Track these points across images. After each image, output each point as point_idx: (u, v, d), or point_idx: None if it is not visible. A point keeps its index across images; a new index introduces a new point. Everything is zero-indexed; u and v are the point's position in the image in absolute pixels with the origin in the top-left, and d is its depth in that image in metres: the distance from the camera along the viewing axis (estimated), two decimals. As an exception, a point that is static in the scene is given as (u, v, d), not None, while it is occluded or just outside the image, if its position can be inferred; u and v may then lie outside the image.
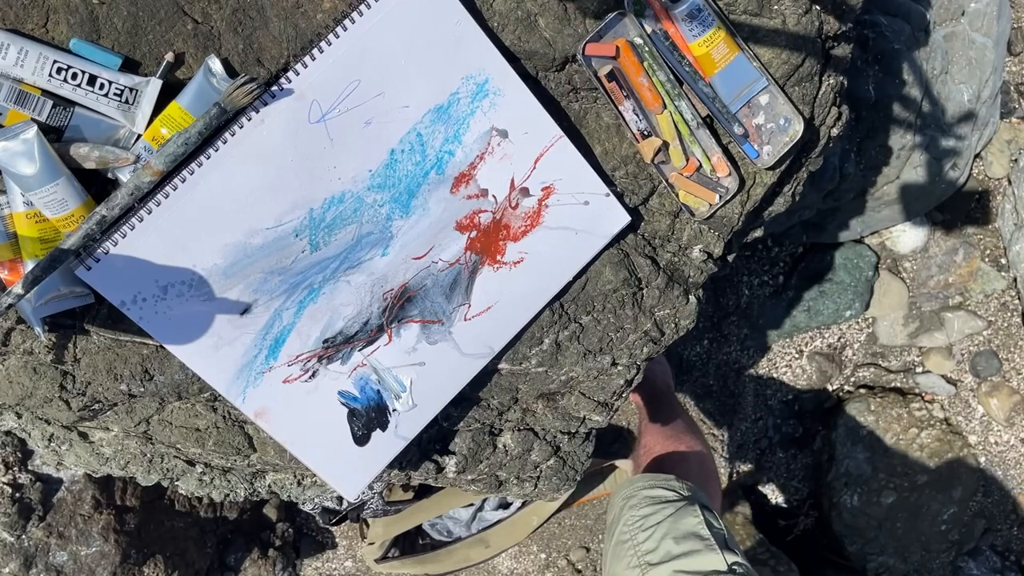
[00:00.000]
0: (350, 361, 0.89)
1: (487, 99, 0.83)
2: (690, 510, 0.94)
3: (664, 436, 1.17)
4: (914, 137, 1.61)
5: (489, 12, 0.81)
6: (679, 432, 1.19)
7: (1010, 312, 1.98)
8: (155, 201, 0.77)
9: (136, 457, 1.01)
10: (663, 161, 0.91)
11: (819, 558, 2.00)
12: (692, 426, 1.27)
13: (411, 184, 0.84)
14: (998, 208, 1.94)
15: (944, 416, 1.98)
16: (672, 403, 1.38)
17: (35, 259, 0.76)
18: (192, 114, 0.75)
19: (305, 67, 0.77)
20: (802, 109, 0.90)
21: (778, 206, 1.01)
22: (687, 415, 1.35)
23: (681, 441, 1.15)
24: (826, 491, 1.97)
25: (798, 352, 2.00)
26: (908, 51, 1.49)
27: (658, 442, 1.16)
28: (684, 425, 1.24)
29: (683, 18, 0.84)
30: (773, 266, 1.94)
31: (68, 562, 1.50)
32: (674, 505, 0.95)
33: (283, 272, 0.83)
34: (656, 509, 0.95)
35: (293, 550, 1.97)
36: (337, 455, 0.92)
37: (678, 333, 1.02)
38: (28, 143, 0.71)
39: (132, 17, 0.75)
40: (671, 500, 0.96)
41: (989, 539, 2.03)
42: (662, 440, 1.16)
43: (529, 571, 2.00)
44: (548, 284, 0.93)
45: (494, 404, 1.00)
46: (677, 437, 1.16)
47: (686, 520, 0.92)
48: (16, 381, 0.87)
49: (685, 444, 1.14)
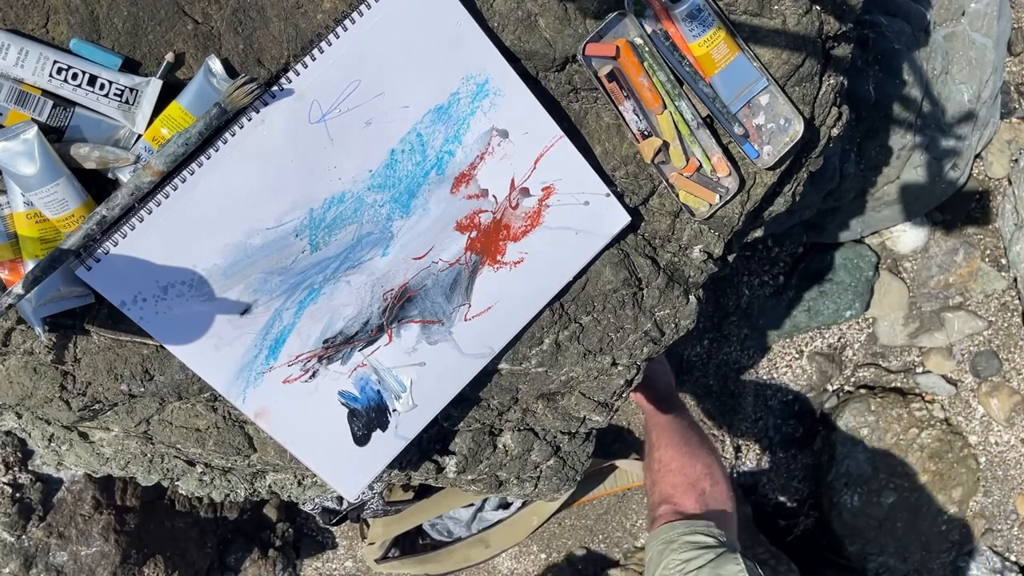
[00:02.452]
0: (350, 361, 0.89)
1: (487, 99, 0.83)
2: (731, 557, 0.95)
3: (679, 451, 1.18)
4: (914, 137, 1.61)
5: (489, 12, 0.81)
6: (692, 445, 1.20)
7: (1010, 312, 1.98)
8: (155, 201, 0.77)
9: (136, 457, 1.01)
10: (663, 161, 0.91)
11: (819, 558, 2.00)
12: (697, 428, 1.28)
13: (411, 184, 0.84)
14: (998, 208, 1.94)
15: (944, 416, 1.98)
16: (676, 404, 1.38)
17: (35, 259, 0.76)
18: (192, 114, 0.75)
19: (305, 67, 0.77)
20: (802, 109, 0.90)
21: (778, 206, 1.01)
22: (690, 415, 1.35)
23: (696, 457, 1.16)
24: (826, 491, 1.97)
25: (798, 352, 2.00)
26: (908, 51, 1.49)
27: (674, 458, 1.17)
28: (694, 433, 1.24)
29: (683, 18, 0.84)
30: (773, 266, 1.94)
31: (68, 562, 1.50)
32: (715, 551, 0.97)
33: (283, 272, 0.83)
34: (698, 554, 0.97)
35: (293, 550, 1.97)
36: (337, 455, 0.92)
37: (678, 333, 1.02)
38: (28, 143, 0.71)
39: (132, 17, 0.75)
40: (711, 546, 0.98)
41: (989, 539, 2.03)
42: (678, 456, 1.17)
43: (529, 571, 2.00)
44: (548, 284, 0.93)
45: (494, 404, 1.00)
46: (692, 452, 1.17)
47: (728, 567, 0.94)
48: (16, 381, 0.87)
49: (701, 460, 1.15)
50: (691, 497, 1.09)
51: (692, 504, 1.07)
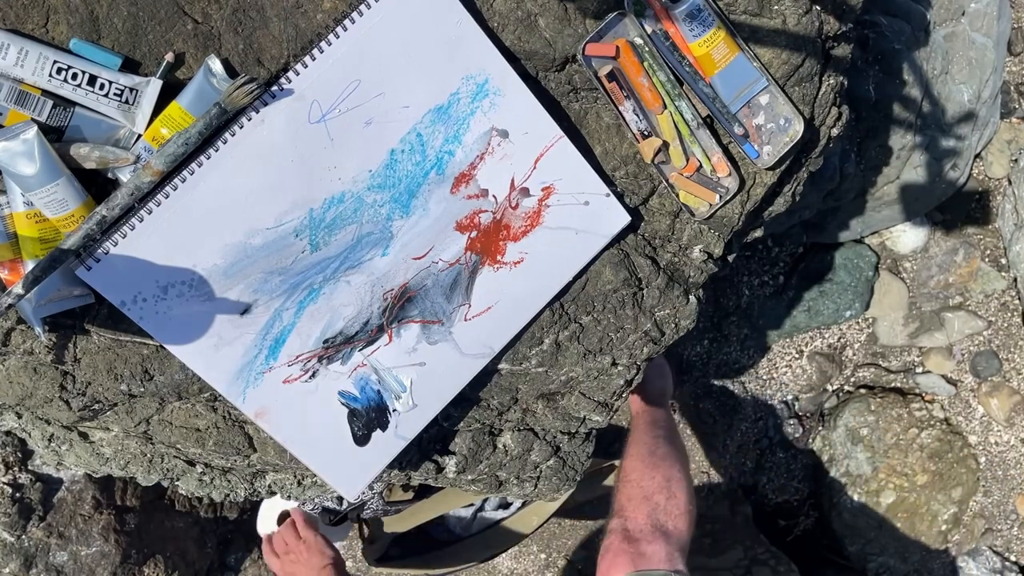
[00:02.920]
0: (350, 361, 0.89)
1: (487, 99, 0.83)
2: None
3: (642, 461, 1.18)
4: (914, 137, 1.61)
5: (489, 12, 0.81)
6: (657, 456, 1.19)
7: (1010, 312, 1.98)
8: (155, 201, 0.77)
9: (136, 457, 1.01)
10: (663, 161, 0.91)
11: (819, 558, 2.00)
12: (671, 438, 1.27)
13: (411, 184, 0.84)
14: (998, 208, 1.94)
15: (944, 416, 1.98)
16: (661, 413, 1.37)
17: (35, 259, 0.76)
18: (192, 114, 0.75)
19: (305, 67, 0.77)
20: (802, 109, 0.90)
21: (778, 206, 1.01)
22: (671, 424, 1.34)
23: (657, 468, 1.16)
24: (826, 491, 1.97)
25: (798, 352, 2.00)
26: (908, 51, 1.49)
27: (634, 468, 1.17)
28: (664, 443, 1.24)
29: (683, 18, 0.84)
30: (773, 266, 1.94)
31: (68, 562, 1.50)
32: None
33: (283, 272, 0.83)
34: None
35: (293, 550, 1.97)
36: (337, 455, 0.92)
37: (678, 333, 1.02)
38: (28, 143, 0.71)
39: (132, 17, 0.75)
40: None
41: (989, 539, 2.03)
42: (639, 467, 1.17)
43: (529, 571, 2.00)
44: (548, 284, 0.93)
45: (494, 404, 1.00)
46: (654, 464, 1.17)
47: None
48: (16, 381, 0.87)
49: (662, 472, 1.15)
50: (643, 511, 1.08)
51: (642, 519, 1.07)
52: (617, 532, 1.06)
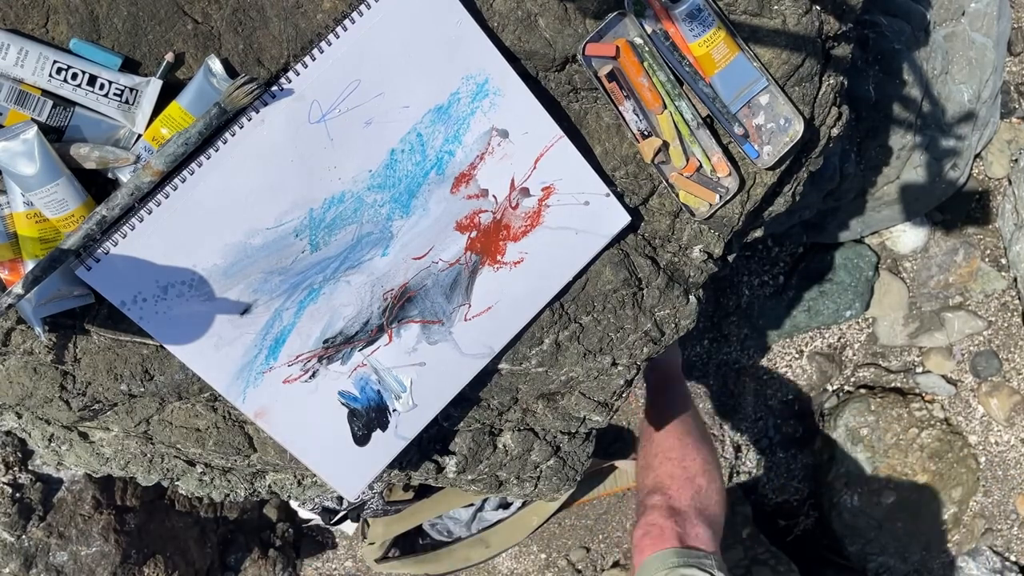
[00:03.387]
0: (350, 361, 0.89)
1: (487, 99, 0.83)
2: None
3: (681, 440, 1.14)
4: (914, 137, 1.61)
5: (489, 12, 0.81)
6: (695, 436, 1.16)
7: (1010, 312, 1.98)
8: (155, 201, 0.77)
9: (136, 457, 1.01)
10: (663, 161, 0.91)
11: (819, 558, 2.00)
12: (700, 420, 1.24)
13: (411, 184, 0.84)
14: (998, 208, 1.93)
15: (944, 416, 1.98)
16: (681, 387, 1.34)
17: (35, 259, 0.76)
18: (192, 114, 0.75)
19: (305, 67, 0.77)
20: (802, 109, 0.90)
21: (778, 206, 1.01)
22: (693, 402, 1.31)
23: (698, 450, 1.12)
24: (826, 491, 1.97)
25: (798, 352, 2.00)
26: (908, 51, 1.49)
27: (674, 447, 1.13)
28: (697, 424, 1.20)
29: (683, 18, 0.84)
30: (773, 266, 1.94)
31: (68, 562, 1.50)
32: None
33: (283, 272, 0.83)
34: None
35: (293, 550, 1.97)
36: (337, 455, 0.92)
37: (678, 333, 1.02)
38: (28, 143, 0.71)
39: (132, 17, 0.75)
40: None
41: (989, 539, 2.03)
42: (679, 447, 1.12)
43: (529, 571, 2.00)
44: (548, 284, 0.93)
45: (494, 404, 1.00)
46: (695, 445, 1.13)
47: None
48: (16, 381, 0.87)
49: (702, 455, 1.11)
50: (687, 492, 1.07)
51: (686, 499, 1.05)
52: (661, 508, 1.05)
